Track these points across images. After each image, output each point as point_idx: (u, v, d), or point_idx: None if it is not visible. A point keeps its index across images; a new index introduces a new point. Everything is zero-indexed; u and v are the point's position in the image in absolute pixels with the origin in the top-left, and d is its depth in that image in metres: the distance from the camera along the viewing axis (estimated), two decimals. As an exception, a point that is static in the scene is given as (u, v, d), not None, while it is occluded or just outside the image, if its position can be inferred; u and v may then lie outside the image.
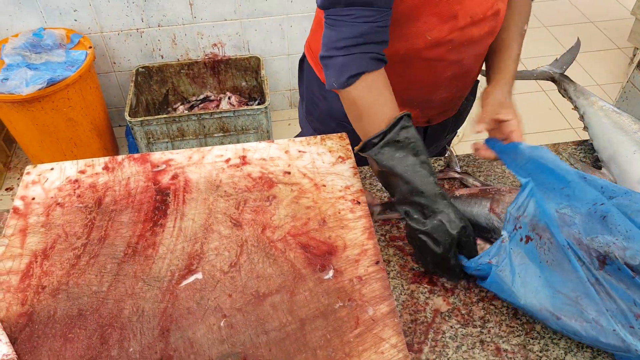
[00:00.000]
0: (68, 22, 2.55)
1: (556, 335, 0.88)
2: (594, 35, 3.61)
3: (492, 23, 1.07)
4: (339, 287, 0.82)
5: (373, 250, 0.87)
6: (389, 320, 0.78)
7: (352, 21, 0.94)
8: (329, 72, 0.98)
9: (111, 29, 2.62)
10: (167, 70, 2.76)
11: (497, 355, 0.86)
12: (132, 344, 0.77)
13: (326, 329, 0.77)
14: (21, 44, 2.38)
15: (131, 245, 0.89)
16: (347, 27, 0.94)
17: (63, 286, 0.84)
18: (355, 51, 0.94)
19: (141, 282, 0.84)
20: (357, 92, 0.95)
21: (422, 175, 0.90)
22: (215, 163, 1.03)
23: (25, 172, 1.02)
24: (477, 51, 1.11)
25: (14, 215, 0.94)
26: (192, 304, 0.81)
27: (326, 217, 0.93)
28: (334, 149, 1.05)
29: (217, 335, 0.77)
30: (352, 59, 0.95)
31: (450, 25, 1.02)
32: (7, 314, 0.80)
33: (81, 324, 0.79)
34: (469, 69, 1.15)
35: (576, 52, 1.33)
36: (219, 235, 0.91)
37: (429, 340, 0.87)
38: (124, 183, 1.00)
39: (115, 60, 2.75)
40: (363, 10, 0.93)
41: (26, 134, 2.43)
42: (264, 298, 0.81)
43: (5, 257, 0.88)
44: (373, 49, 0.95)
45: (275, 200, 0.96)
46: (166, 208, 0.95)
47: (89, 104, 2.47)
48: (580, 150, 1.21)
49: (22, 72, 2.24)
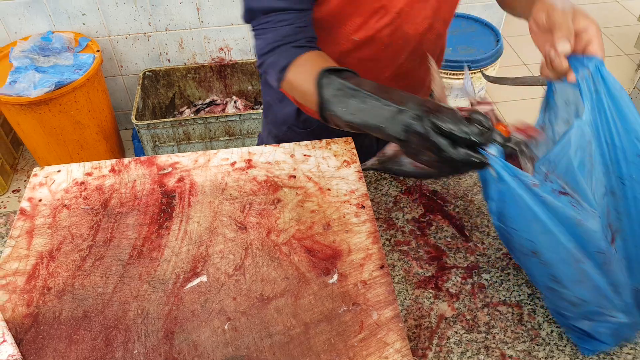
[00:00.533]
0: (76, 25, 2.57)
1: (561, 342, 0.87)
2: (600, 42, 3.60)
3: (429, 21, 1.05)
4: (343, 291, 0.82)
5: (378, 254, 0.87)
6: (394, 325, 0.78)
7: (273, 26, 0.99)
8: (269, 76, 1.01)
9: (119, 33, 2.64)
10: (173, 74, 2.78)
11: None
12: (136, 346, 0.77)
13: (330, 333, 0.77)
14: (30, 47, 2.40)
15: (137, 247, 0.90)
16: (270, 32, 0.99)
17: (68, 288, 0.84)
18: (281, 50, 0.98)
19: (146, 285, 0.84)
20: (292, 76, 0.97)
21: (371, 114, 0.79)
22: (220, 166, 1.04)
23: (32, 174, 1.03)
24: (417, 51, 1.09)
25: (21, 217, 0.95)
26: (196, 307, 0.81)
27: (331, 221, 0.93)
28: (339, 153, 1.05)
29: (222, 338, 0.77)
30: (277, 55, 0.98)
31: (376, 21, 1.01)
32: (13, 315, 0.81)
33: (86, 325, 0.79)
34: (410, 71, 1.14)
35: (583, 58, 1.33)
36: (224, 238, 0.91)
37: (434, 345, 0.87)
38: (130, 185, 1.00)
39: (123, 64, 2.76)
40: (280, 15, 0.98)
41: (33, 136, 2.45)
42: (268, 301, 0.81)
43: (11, 258, 0.88)
44: (297, 43, 0.98)
45: (280, 203, 0.96)
46: (172, 211, 0.95)
47: (96, 107, 2.48)
48: (587, 156, 1.21)
49: (30, 75, 2.26)
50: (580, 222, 0.75)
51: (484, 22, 2.60)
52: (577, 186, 0.74)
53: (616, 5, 3.96)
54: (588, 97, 0.73)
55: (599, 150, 0.75)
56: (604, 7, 3.92)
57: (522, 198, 0.74)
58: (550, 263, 0.78)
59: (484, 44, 2.48)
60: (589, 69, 0.73)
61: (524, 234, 0.78)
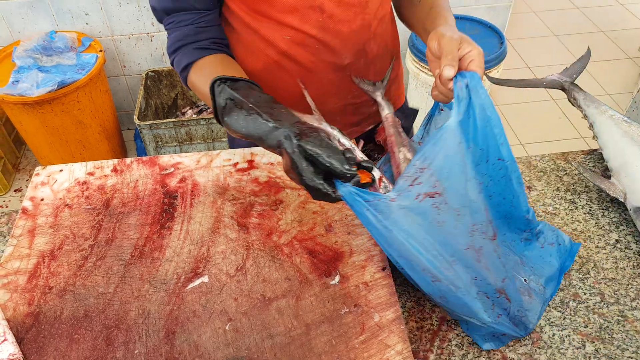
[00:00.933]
0: (79, 25, 2.58)
1: (563, 345, 0.87)
2: (604, 45, 3.59)
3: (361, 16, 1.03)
4: (344, 292, 0.82)
5: (379, 256, 0.87)
6: (395, 327, 0.78)
7: (176, 27, 1.02)
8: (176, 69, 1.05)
9: (122, 33, 2.64)
10: (176, 75, 2.77)
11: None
12: (137, 346, 0.77)
13: (332, 335, 0.77)
14: (33, 47, 2.41)
15: (138, 247, 0.90)
16: (173, 32, 1.03)
17: (70, 287, 0.84)
18: (183, 50, 1.02)
19: (147, 285, 0.84)
20: (193, 77, 1.01)
21: (252, 127, 0.83)
22: (223, 167, 1.04)
23: (34, 173, 1.03)
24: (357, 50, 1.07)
25: (23, 216, 0.95)
26: (197, 307, 0.81)
27: (333, 222, 0.92)
28: (341, 155, 1.05)
29: (223, 339, 0.77)
30: (180, 55, 1.02)
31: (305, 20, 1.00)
32: (14, 314, 0.81)
33: (87, 325, 0.79)
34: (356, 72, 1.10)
35: (586, 61, 1.33)
36: (225, 238, 0.91)
37: (435, 347, 0.87)
38: (132, 185, 1.00)
39: (126, 64, 2.77)
40: (183, 15, 1.02)
41: (36, 135, 2.45)
42: (269, 302, 0.81)
43: (13, 257, 0.88)
44: (198, 45, 1.02)
45: (282, 204, 0.96)
46: (174, 211, 0.95)
47: (98, 107, 2.49)
48: (590, 160, 1.21)
49: (33, 75, 2.26)
50: (441, 223, 0.80)
51: (488, 25, 2.60)
52: (449, 183, 0.79)
53: (620, 9, 3.95)
54: (459, 103, 0.81)
55: (469, 152, 0.82)
56: (608, 11, 3.92)
57: (374, 225, 0.78)
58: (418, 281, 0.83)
59: (487, 46, 2.48)
60: (466, 80, 0.82)
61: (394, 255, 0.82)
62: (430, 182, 0.81)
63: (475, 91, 0.82)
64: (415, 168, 0.80)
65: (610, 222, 1.05)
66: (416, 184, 0.81)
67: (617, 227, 1.04)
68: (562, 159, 1.20)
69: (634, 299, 0.92)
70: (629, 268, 0.97)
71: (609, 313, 0.91)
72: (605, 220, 1.06)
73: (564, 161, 1.19)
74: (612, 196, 1.07)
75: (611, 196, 1.09)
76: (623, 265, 0.97)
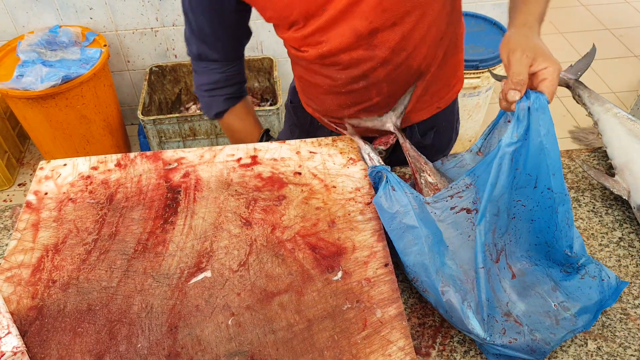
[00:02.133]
0: (84, 20, 2.58)
1: (565, 343, 0.87)
2: (609, 43, 3.58)
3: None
4: (347, 288, 0.82)
5: (382, 252, 0.87)
6: (397, 323, 0.78)
7: (207, 71, 1.19)
8: (202, 107, 1.27)
9: (126, 28, 2.64)
10: (180, 70, 2.77)
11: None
12: (140, 340, 0.77)
13: (334, 330, 0.77)
14: (37, 41, 2.41)
15: (141, 241, 0.90)
16: (204, 75, 1.20)
17: (73, 281, 0.84)
18: (213, 94, 1.22)
19: (150, 279, 0.84)
20: (229, 122, 1.27)
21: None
22: (226, 162, 1.04)
23: (38, 167, 1.03)
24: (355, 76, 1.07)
25: (27, 210, 0.95)
26: (200, 302, 0.81)
27: (336, 218, 0.92)
28: (344, 151, 1.05)
29: (225, 334, 0.77)
30: (213, 100, 1.23)
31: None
32: (18, 307, 0.81)
33: (90, 318, 0.80)
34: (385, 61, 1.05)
35: (591, 58, 1.32)
36: (228, 234, 0.91)
37: (437, 344, 0.87)
38: (135, 180, 1.00)
39: (130, 59, 2.77)
40: (212, 64, 1.17)
41: (40, 130, 2.46)
42: (272, 297, 0.81)
43: (17, 250, 0.89)
44: (227, 92, 1.22)
45: (285, 200, 0.96)
46: (177, 206, 0.96)
47: (102, 101, 2.49)
48: (594, 157, 1.20)
49: (37, 69, 2.26)
50: (470, 239, 0.85)
51: (493, 21, 2.58)
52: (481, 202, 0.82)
53: (626, 6, 3.93)
54: (517, 125, 0.80)
55: (509, 173, 0.81)
56: (613, 8, 3.90)
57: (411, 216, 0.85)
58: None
59: (492, 43, 2.47)
60: (529, 102, 0.79)
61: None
62: (471, 198, 0.86)
63: (535, 116, 0.79)
64: (464, 183, 0.86)
65: (613, 220, 1.05)
66: (456, 197, 0.87)
67: (621, 225, 1.04)
68: (566, 156, 1.20)
69: (636, 297, 0.92)
70: (632, 266, 0.97)
71: (612, 311, 0.90)
72: (609, 218, 1.06)
73: (568, 159, 1.19)
74: (616, 194, 1.07)
75: (615, 194, 1.09)
76: (626, 263, 0.97)
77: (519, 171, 0.83)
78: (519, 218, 0.87)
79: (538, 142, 0.80)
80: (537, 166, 0.82)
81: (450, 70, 1.17)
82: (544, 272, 0.90)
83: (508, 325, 0.82)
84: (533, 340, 0.81)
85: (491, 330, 0.80)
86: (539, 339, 0.81)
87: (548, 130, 0.79)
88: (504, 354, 0.82)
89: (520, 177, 0.83)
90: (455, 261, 0.85)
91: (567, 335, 0.84)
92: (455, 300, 0.80)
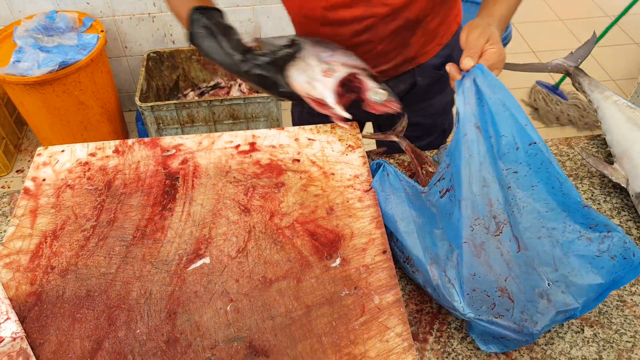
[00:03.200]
0: (80, 5, 2.55)
1: (562, 329, 0.87)
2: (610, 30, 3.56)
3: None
4: (345, 275, 0.83)
5: (380, 239, 0.87)
6: (395, 309, 0.78)
7: None
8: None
9: (123, 13, 2.62)
10: (178, 56, 2.76)
11: (502, 347, 0.85)
12: (139, 326, 0.77)
13: (332, 316, 0.78)
14: (34, 27, 2.39)
15: (140, 228, 0.90)
16: None
17: (72, 267, 0.85)
18: None
19: (149, 265, 0.84)
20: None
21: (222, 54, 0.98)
22: (224, 149, 1.03)
23: (36, 154, 1.03)
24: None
25: (25, 196, 0.95)
26: (199, 288, 0.81)
27: (334, 205, 0.92)
28: (343, 138, 1.05)
29: (224, 319, 0.78)
30: None
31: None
32: (17, 293, 0.81)
33: (89, 304, 0.80)
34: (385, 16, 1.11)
35: (592, 46, 1.31)
36: (227, 220, 0.91)
37: (435, 330, 0.87)
38: (133, 167, 1.00)
39: (127, 45, 2.75)
40: None
41: (37, 116, 2.45)
42: (270, 284, 0.82)
43: (15, 236, 0.89)
44: None
45: (284, 187, 0.96)
46: (175, 192, 0.95)
47: (99, 88, 2.48)
48: (593, 145, 1.20)
49: (34, 55, 2.25)
50: (450, 215, 0.82)
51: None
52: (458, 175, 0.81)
53: (626, -7, 3.91)
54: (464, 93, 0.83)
55: (485, 142, 0.81)
56: (614, -5, 3.88)
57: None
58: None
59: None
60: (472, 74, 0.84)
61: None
62: (448, 176, 0.84)
63: (481, 79, 0.83)
64: (444, 164, 0.85)
65: (612, 208, 1.05)
66: (441, 180, 0.86)
67: (619, 213, 1.04)
68: (565, 144, 1.20)
69: (633, 284, 0.93)
70: (629, 253, 0.97)
71: (608, 298, 0.91)
72: (607, 205, 1.06)
73: (567, 146, 1.19)
74: (615, 182, 1.07)
75: (613, 182, 1.09)
76: (623, 251, 0.98)
77: (492, 138, 0.80)
78: (516, 186, 0.81)
79: (496, 101, 0.81)
80: (507, 124, 0.80)
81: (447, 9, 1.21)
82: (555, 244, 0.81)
83: (499, 301, 0.79)
84: (521, 319, 0.78)
85: (478, 304, 0.78)
86: (526, 318, 0.78)
87: (499, 87, 0.81)
88: (490, 331, 0.79)
89: (498, 144, 0.80)
90: (445, 241, 0.84)
91: (559, 317, 0.80)
92: (438, 276, 0.81)
